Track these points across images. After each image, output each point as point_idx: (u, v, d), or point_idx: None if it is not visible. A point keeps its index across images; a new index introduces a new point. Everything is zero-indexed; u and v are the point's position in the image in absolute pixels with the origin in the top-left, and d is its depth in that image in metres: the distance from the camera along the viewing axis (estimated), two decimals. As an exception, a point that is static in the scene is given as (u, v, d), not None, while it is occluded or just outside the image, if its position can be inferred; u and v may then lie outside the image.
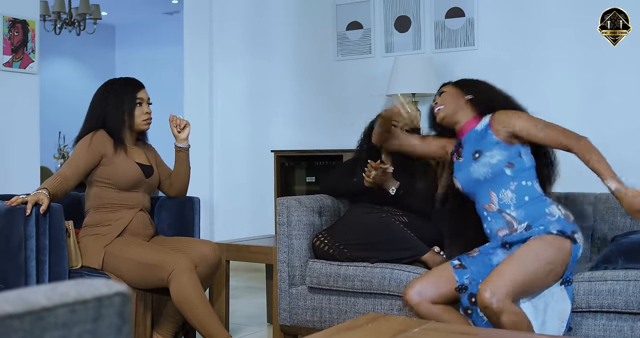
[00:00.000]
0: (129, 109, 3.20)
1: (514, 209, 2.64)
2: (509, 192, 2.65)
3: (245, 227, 5.58)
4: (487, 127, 2.76)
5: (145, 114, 3.24)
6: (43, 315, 0.80)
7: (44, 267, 2.84)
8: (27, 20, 4.49)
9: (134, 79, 3.31)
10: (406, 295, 2.63)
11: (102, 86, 3.28)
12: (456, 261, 2.68)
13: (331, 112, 5.25)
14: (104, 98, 3.22)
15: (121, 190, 3.15)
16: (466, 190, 2.78)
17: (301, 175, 5.10)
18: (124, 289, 0.90)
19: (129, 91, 3.22)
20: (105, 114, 3.19)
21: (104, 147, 3.14)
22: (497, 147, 2.68)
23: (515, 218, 2.63)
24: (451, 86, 2.93)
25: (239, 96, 5.78)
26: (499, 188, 2.67)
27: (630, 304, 2.50)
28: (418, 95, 4.71)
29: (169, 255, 2.95)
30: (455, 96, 2.86)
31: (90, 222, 3.16)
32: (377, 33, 5.12)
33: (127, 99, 3.20)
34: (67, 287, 0.86)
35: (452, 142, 2.96)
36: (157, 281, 2.95)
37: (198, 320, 2.90)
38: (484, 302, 2.39)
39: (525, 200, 2.64)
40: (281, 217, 3.24)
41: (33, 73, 4.52)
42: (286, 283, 3.21)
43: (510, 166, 2.66)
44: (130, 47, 10.12)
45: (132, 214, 3.15)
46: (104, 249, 3.04)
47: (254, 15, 5.73)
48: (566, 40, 4.43)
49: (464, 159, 2.79)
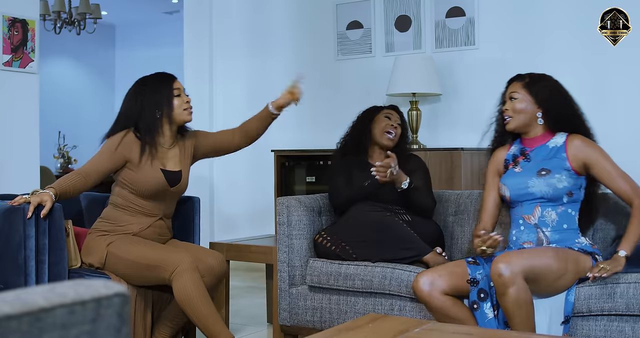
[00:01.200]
0: (168, 102, 3.08)
1: (551, 230, 2.70)
2: (554, 213, 2.70)
3: (246, 227, 5.58)
4: (562, 148, 2.75)
5: (185, 103, 3.12)
6: (41, 316, 0.79)
7: (43, 267, 2.84)
8: (27, 19, 4.48)
9: (165, 72, 3.20)
10: (417, 284, 2.63)
11: (134, 85, 3.16)
12: (471, 258, 2.71)
13: (331, 111, 5.24)
14: (139, 93, 3.10)
15: (143, 197, 3.09)
16: (512, 199, 2.79)
17: (301, 175, 5.09)
18: (123, 290, 0.90)
19: (164, 83, 3.11)
20: (141, 108, 3.06)
21: (130, 151, 3.04)
22: (566, 174, 2.70)
23: (548, 237, 2.69)
24: (523, 89, 2.80)
25: (239, 95, 5.77)
26: (547, 207, 2.71)
27: (632, 306, 2.49)
28: (418, 95, 4.70)
29: (170, 253, 2.92)
30: (527, 107, 2.77)
31: (108, 216, 3.12)
32: (378, 32, 5.11)
33: (164, 90, 3.08)
34: (66, 288, 0.85)
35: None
36: (159, 280, 2.93)
37: (200, 320, 2.89)
38: (498, 270, 2.40)
39: (563, 227, 2.70)
40: (281, 216, 3.23)
41: (33, 72, 4.52)
42: (286, 283, 3.21)
43: (569, 195, 2.70)
44: (130, 46, 10.11)
45: (149, 223, 3.11)
46: (107, 248, 3.02)
47: (254, 14, 5.72)
48: (567, 40, 4.43)
49: (522, 170, 2.78)
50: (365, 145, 3.37)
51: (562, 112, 2.77)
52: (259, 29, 5.69)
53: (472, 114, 4.72)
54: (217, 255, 3.13)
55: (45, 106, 6.15)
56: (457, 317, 2.59)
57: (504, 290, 2.41)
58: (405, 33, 5.00)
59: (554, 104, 2.77)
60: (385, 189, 3.26)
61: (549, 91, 2.79)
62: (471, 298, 2.60)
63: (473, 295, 2.60)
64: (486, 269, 2.64)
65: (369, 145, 3.38)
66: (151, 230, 3.11)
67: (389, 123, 3.35)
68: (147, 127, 3.06)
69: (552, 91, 2.79)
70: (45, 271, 2.84)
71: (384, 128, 3.33)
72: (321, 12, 5.37)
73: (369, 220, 3.08)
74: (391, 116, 3.39)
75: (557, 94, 2.79)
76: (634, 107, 4.28)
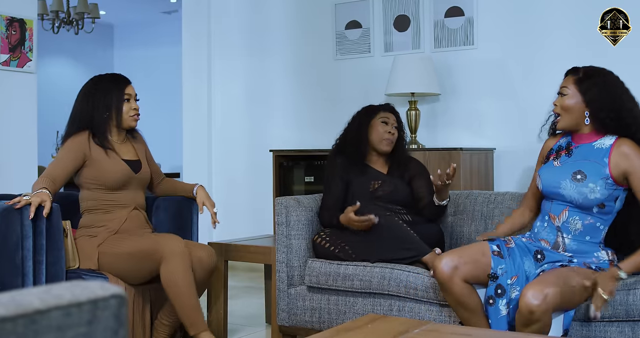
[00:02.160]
0: (117, 106, 3.15)
1: (571, 238, 2.60)
2: (580, 223, 2.59)
3: (244, 227, 5.56)
4: (606, 152, 2.60)
5: (133, 109, 3.19)
6: (36, 318, 0.78)
7: (41, 267, 2.83)
8: (25, 19, 4.47)
9: (120, 75, 3.27)
10: (439, 264, 2.58)
11: (88, 83, 3.22)
12: (495, 247, 2.64)
13: (330, 111, 5.23)
14: (91, 95, 3.16)
15: (111, 190, 3.13)
16: (544, 193, 2.71)
17: (300, 175, 5.08)
18: (120, 291, 0.89)
19: (116, 88, 3.17)
20: (92, 111, 3.14)
21: (86, 148, 3.10)
22: (602, 183, 2.55)
23: (566, 245, 2.60)
24: (574, 85, 2.65)
25: (237, 95, 5.76)
26: (575, 215, 2.60)
27: (631, 312, 2.47)
28: (417, 95, 4.69)
29: (162, 238, 2.94)
30: (576, 105, 2.63)
31: (85, 223, 3.15)
32: (376, 32, 5.10)
33: (115, 95, 3.16)
34: (62, 289, 0.84)
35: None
36: (156, 268, 2.92)
37: (182, 307, 2.89)
38: (531, 307, 2.29)
39: (586, 239, 2.59)
40: (280, 216, 3.22)
41: (30, 72, 4.50)
42: (285, 283, 3.20)
43: (600, 206, 2.57)
44: (128, 46, 10.10)
45: (126, 214, 3.14)
46: (97, 249, 3.02)
47: (252, 14, 5.71)
48: (566, 40, 4.42)
49: (561, 166, 2.67)
50: (363, 152, 3.36)
51: (609, 114, 2.59)
52: (258, 29, 5.68)
53: (471, 114, 4.71)
54: (207, 248, 3.13)
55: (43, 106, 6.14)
56: (469, 306, 2.56)
57: (529, 323, 2.33)
58: (404, 33, 4.99)
59: (603, 104, 2.59)
60: (386, 189, 3.26)
61: (599, 89, 2.61)
62: (488, 293, 2.56)
63: (491, 290, 2.56)
64: (508, 264, 2.59)
65: (367, 151, 3.37)
66: (131, 222, 3.14)
67: (386, 129, 3.33)
68: (98, 127, 3.13)
69: (602, 89, 2.61)
70: (43, 271, 2.83)
71: (382, 135, 3.32)
72: (320, 12, 5.36)
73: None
74: (388, 120, 3.36)
75: (608, 92, 2.60)
76: None
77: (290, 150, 5.10)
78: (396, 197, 3.26)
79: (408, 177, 3.34)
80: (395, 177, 3.33)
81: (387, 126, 3.34)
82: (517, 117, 4.57)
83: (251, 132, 5.67)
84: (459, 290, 2.56)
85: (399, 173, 3.35)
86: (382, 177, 3.32)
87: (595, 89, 2.60)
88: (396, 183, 3.30)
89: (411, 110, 4.70)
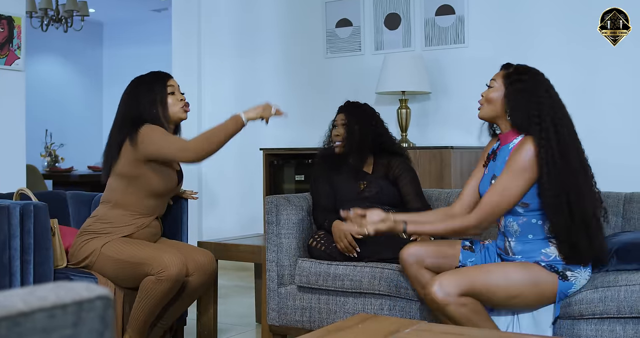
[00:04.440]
0: (162, 99, 3.04)
1: (515, 240, 2.56)
2: (515, 224, 2.54)
3: (234, 226, 5.55)
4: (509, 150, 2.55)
5: (180, 100, 3.10)
6: (20, 321, 0.77)
7: (28, 267, 2.80)
8: (13, 16, 4.44)
9: (160, 71, 3.17)
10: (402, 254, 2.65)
11: (129, 85, 3.11)
12: (467, 242, 2.68)
13: (320, 110, 5.21)
14: (134, 94, 3.05)
15: (149, 197, 3.04)
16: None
17: (290, 174, 5.06)
18: (106, 293, 0.87)
19: (157, 82, 3.08)
20: (139, 112, 3.00)
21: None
22: None
23: (512, 248, 2.57)
24: (502, 78, 2.59)
25: (227, 94, 5.74)
26: (509, 218, 2.56)
27: (622, 309, 2.47)
28: (408, 93, 4.68)
29: (160, 252, 2.87)
30: (497, 98, 2.57)
31: (104, 216, 3.03)
32: (367, 30, 5.09)
33: (158, 89, 3.05)
34: (46, 291, 0.82)
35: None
36: (143, 277, 2.87)
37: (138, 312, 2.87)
38: (430, 296, 2.38)
39: (528, 237, 2.54)
40: (270, 215, 3.20)
41: (19, 70, 4.47)
42: (275, 282, 3.18)
43: (524, 205, 2.49)
44: (118, 44, 10.04)
45: (147, 223, 3.06)
46: (101, 249, 2.96)
47: (242, 12, 5.69)
48: (557, 38, 4.42)
49: (487, 173, 2.65)
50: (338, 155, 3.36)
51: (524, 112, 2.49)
52: (248, 27, 5.66)
53: (462, 112, 4.71)
54: (207, 253, 3.12)
55: (32, 104, 6.10)
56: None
57: (443, 311, 2.39)
58: (395, 31, 4.98)
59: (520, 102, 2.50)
60: (373, 189, 3.25)
61: (523, 87, 2.51)
62: None
63: None
64: (478, 258, 2.62)
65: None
66: (147, 230, 3.06)
67: (334, 133, 3.35)
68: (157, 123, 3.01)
69: (525, 88, 2.51)
70: (31, 271, 2.80)
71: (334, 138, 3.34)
72: (310, 10, 5.34)
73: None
74: (336, 122, 3.36)
75: (528, 92, 2.50)
76: (624, 105, 4.28)
77: (280, 148, 5.08)
78: (383, 197, 3.25)
79: (392, 176, 3.32)
80: (380, 177, 3.31)
81: (335, 130, 3.35)
82: (507, 115, 4.56)
83: (241, 131, 5.64)
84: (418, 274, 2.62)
85: (383, 173, 3.33)
86: (367, 178, 3.31)
87: (519, 85, 2.52)
88: (381, 184, 3.28)
89: (402, 108, 4.69)
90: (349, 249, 3.03)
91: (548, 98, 2.50)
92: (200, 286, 3.06)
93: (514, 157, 2.46)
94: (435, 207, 3.37)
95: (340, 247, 3.05)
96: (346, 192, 3.27)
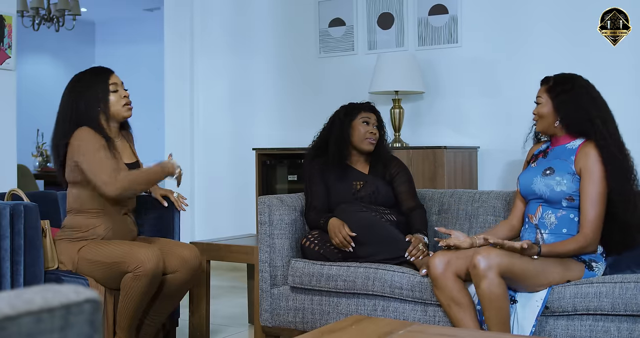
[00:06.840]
0: (104, 97, 2.96)
1: (549, 233, 2.70)
2: (553, 217, 2.70)
3: (227, 226, 5.52)
4: (574, 151, 2.74)
5: (123, 98, 3.01)
6: (5, 325, 0.75)
7: (19, 268, 2.77)
8: (4, 15, 4.40)
9: (101, 67, 3.09)
10: (432, 263, 2.67)
11: (70, 82, 3.05)
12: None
13: (313, 109, 5.20)
14: (76, 92, 2.99)
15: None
16: (522, 194, 2.85)
17: (283, 174, 5.05)
18: (94, 296, 0.85)
19: (99, 79, 2.99)
20: (81, 110, 2.94)
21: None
22: (569, 177, 2.69)
23: (545, 240, 2.67)
24: (545, 93, 2.82)
25: (220, 94, 5.72)
26: (548, 209, 2.72)
27: (617, 306, 2.48)
28: (401, 93, 4.67)
29: (136, 247, 2.83)
30: (548, 113, 2.79)
31: (69, 224, 3.02)
32: (360, 30, 5.08)
33: (100, 87, 2.97)
34: (33, 294, 0.80)
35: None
36: (123, 275, 2.83)
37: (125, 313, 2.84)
38: (475, 262, 2.46)
39: (562, 231, 2.69)
40: (263, 216, 3.18)
41: (10, 69, 4.43)
42: (268, 283, 3.16)
43: (569, 199, 2.68)
44: (110, 43, 10.00)
45: (114, 221, 3.01)
46: (78, 254, 2.94)
47: (235, 12, 5.66)
48: (551, 38, 4.41)
49: (536, 166, 2.82)
50: (345, 154, 3.33)
51: (575, 119, 2.74)
52: (240, 27, 5.64)
53: (455, 112, 4.70)
54: (191, 247, 3.07)
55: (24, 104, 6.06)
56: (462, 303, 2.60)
57: (477, 281, 2.48)
58: (388, 31, 4.97)
59: (569, 110, 2.74)
60: (368, 190, 3.24)
61: (567, 96, 2.76)
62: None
63: None
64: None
65: (349, 152, 3.35)
66: (117, 228, 3.02)
67: (368, 129, 3.31)
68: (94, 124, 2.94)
69: (570, 97, 2.75)
70: (21, 272, 2.77)
71: (364, 135, 3.30)
72: (303, 10, 5.32)
73: (356, 220, 3.04)
74: (369, 120, 3.34)
75: (574, 100, 2.75)
76: (619, 104, 4.27)
77: (273, 148, 5.06)
78: (378, 197, 3.25)
79: (389, 176, 3.33)
80: (377, 177, 3.31)
81: (369, 126, 3.32)
82: (501, 115, 4.56)
83: (234, 131, 5.63)
84: (451, 284, 2.62)
85: (380, 173, 3.33)
86: (363, 178, 3.30)
87: (563, 95, 2.76)
88: (377, 184, 3.28)
89: (395, 108, 4.68)
90: (344, 244, 3.02)
91: (591, 101, 2.74)
92: (186, 282, 3.01)
93: (586, 166, 2.66)
94: (428, 207, 3.36)
95: (335, 242, 3.03)
96: (341, 192, 3.26)
